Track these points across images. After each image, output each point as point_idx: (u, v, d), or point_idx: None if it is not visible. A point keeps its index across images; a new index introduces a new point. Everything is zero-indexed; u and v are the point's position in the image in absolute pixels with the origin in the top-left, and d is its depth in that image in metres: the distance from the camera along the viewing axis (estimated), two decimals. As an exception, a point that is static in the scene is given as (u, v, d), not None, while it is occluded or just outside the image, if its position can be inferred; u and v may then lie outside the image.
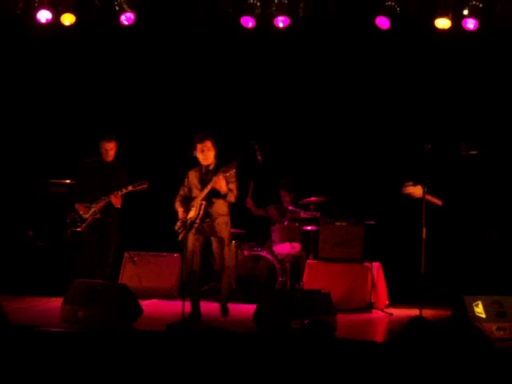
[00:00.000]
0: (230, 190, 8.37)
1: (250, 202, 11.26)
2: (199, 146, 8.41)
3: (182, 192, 8.63)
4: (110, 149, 9.31)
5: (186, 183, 8.61)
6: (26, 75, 11.52)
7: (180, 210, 8.50)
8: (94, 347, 6.16)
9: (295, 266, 10.87)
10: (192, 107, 11.72)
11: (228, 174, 8.27)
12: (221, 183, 8.22)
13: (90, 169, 9.39)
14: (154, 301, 10.22)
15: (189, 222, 8.32)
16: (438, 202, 8.55)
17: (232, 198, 8.46)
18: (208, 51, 11.79)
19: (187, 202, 8.50)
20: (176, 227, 8.49)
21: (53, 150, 11.68)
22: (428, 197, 8.46)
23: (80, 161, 9.54)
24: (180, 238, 8.44)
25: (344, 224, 10.24)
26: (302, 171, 11.54)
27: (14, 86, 11.46)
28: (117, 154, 9.40)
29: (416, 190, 8.41)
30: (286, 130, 11.61)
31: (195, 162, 8.51)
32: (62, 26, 10.51)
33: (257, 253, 10.83)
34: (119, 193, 9.05)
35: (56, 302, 8.49)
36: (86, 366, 5.67)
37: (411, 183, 8.46)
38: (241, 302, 10.23)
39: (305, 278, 10.21)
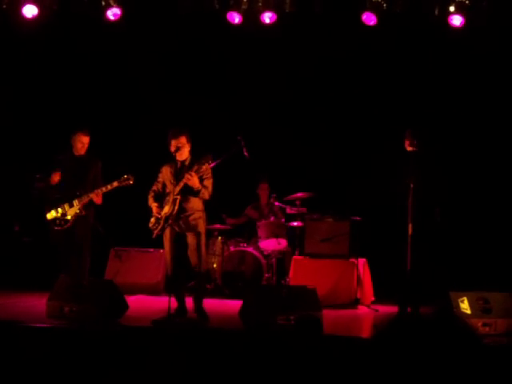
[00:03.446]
0: (204, 186, 8.19)
1: (230, 221, 11.37)
2: (174, 142, 8.27)
3: (155, 187, 8.48)
4: (86, 142, 9.19)
5: (159, 178, 8.48)
6: (12, 70, 11.51)
7: (154, 206, 8.34)
8: (79, 343, 6.15)
9: (281, 261, 10.88)
10: (178, 103, 11.70)
11: (203, 168, 8.19)
12: (194, 180, 8.03)
13: (64, 164, 9.24)
14: (140, 296, 10.21)
15: (163, 218, 8.25)
16: None
17: (206, 195, 8.23)
18: (194, 47, 11.78)
19: (161, 198, 8.39)
20: (150, 224, 8.35)
21: (40, 145, 11.62)
22: None
23: (53, 157, 9.42)
24: (154, 235, 8.37)
25: (330, 220, 10.25)
26: (287, 167, 11.55)
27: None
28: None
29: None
30: (272, 126, 11.62)
31: (171, 158, 8.44)
32: (47, 20, 10.50)
33: (243, 249, 10.84)
34: (100, 192, 8.95)
35: (41, 298, 8.46)
36: (71, 361, 5.66)
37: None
38: (227, 298, 10.26)
39: (291, 274, 10.21)
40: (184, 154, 8.35)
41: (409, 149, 8.61)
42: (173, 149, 8.30)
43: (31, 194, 9.66)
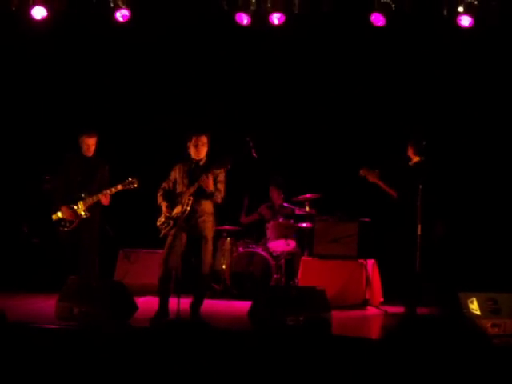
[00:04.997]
0: (217, 189, 8.19)
1: (244, 219, 11.36)
2: (194, 140, 8.26)
3: (165, 185, 8.45)
4: (91, 144, 9.15)
5: (171, 176, 8.43)
6: (22, 71, 11.55)
7: (164, 205, 8.33)
8: (89, 344, 6.16)
9: (290, 262, 10.87)
10: (186, 105, 11.71)
11: (218, 172, 8.19)
12: (208, 182, 8.02)
13: (72, 166, 9.25)
14: (149, 298, 10.20)
15: (174, 218, 8.24)
16: (393, 192, 8.78)
17: (219, 198, 8.22)
18: (202, 48, 11.77)
19: (172, 197, 8.35)
20: (158, 223, 8.35)
21: (49, 146, 11.64)
22: (383, 185, 8.78)
23: (62, 157, 9.42)
24: (162, 234, 8.36)
25: (339, 221, 10.24)
26: (296, 168, 11.54)
27: (9, 82, 11.48)
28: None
29: (370, 174, 8.94)
30: (281, 126, 11.62)
31: (181, 159, 8.42)
32: (56, 22, 10.54)
33: (252, 250, 10.83)
34: (108, 192, 8.95)
35: (51, 299, 8.47)
36: (81, 363, 5.66)
37: (367, 167, 8.91)
38: (235, 299, 10.25)
39: (300, 275, 10.20)
40: (201, 153, 8.30)
41: (414, 159, 8.77)
42: (191, 146, 8.25)
43: (43, 194, 9.71)
